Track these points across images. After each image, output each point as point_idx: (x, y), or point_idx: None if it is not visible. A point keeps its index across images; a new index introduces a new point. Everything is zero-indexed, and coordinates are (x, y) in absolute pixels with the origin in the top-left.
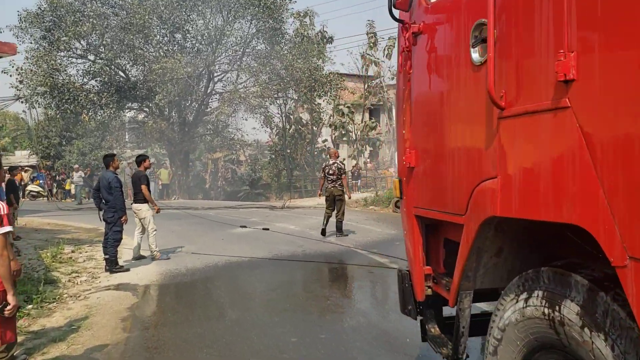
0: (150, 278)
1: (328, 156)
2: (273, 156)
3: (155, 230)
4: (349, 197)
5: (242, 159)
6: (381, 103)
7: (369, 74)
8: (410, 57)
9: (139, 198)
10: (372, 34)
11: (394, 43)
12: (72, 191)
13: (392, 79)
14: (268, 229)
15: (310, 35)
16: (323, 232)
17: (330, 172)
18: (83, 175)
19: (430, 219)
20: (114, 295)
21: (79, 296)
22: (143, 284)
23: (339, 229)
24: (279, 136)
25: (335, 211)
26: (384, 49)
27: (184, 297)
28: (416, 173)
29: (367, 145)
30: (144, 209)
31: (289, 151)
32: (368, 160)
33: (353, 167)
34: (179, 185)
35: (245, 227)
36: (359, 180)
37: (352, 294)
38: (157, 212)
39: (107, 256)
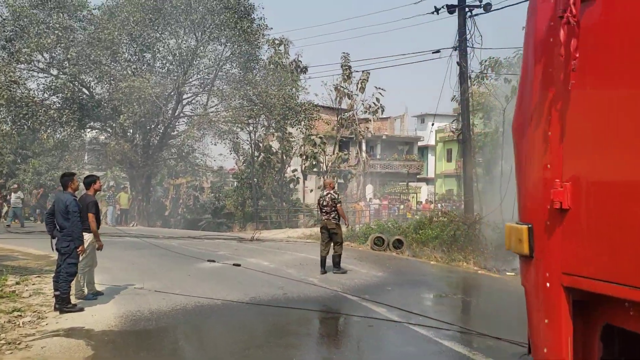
0: (107, 322)
1: (322, 187)
2: (238, 184)
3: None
4: (347, 226)
5: (205, 186)
6: (353, 136)
7: (342, 106)
8: (577, 33)
9: (85, 227)
10: (346, 67)
11: (367, 77)
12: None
13: (365, 112)
14: (239, 265)
15: (285, 63)
16: (323, 268)
17: (324, 203)
18: (22, 196)
19: (588, 294)
20: (64, 344)
21: (19, 343)
22: (99, 329)
23: (337, 264)
24: (247, 164)
25: (332, 245)
26: (358, 83)
27: (150, 352)
28: (573, 219)
29: (337, 177)
30: (88, 240)
31: (256, 180)
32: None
33: None
34: (139, 211)
35: (213, 261)
36: None
37: (356, 356)
38: (99, 248)
39: (57, 292)
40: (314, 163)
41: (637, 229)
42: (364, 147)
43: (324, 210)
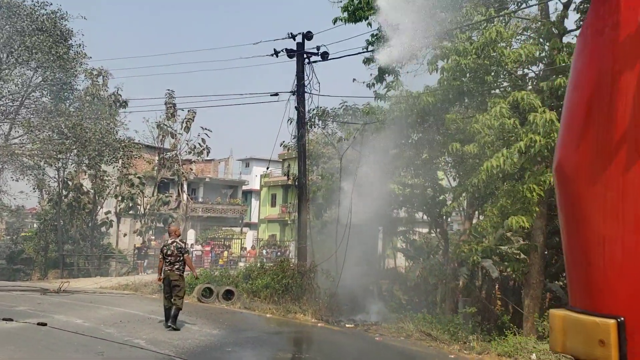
0: None
1: (167, 234)
2: (41, 226)
3: None
4: (196, 277)
5: (0, 227)
6: (174, 177)
7: (164, 145)
8: None
9: None
10: (170, 105)
11: (193, 116)
12: None
13: (190, 152)
14: (45, 325)
15: (103, 96)
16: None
17: (169, 252)
18: None
19: None
20: None
21: None
22: None
23: (174, 318)
24: (53, 203)
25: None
26: (183, 122)
27: None
28: None
29: (156, 221)
30: None
31: (62, 222)
32: (153, 237)
33: (141, 244)
34: None
35: (11, 320)
36: (146, 261)
37: None
38: None
39: None
40: (130, 205)
41: None
42: (185, 189)
43: (167, 260)
